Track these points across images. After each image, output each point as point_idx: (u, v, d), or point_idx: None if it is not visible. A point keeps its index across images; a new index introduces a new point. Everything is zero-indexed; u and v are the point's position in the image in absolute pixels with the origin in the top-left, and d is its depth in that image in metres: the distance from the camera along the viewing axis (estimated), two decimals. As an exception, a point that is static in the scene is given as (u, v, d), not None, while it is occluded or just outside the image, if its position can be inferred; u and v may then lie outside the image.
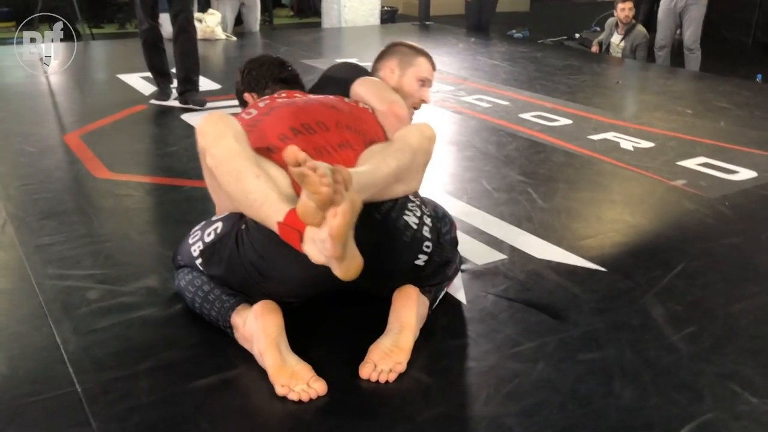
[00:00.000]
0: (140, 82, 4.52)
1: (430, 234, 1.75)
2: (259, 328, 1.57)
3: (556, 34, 8.97)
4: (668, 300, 1.96)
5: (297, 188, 1.56)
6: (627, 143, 3.46)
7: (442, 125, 3.83)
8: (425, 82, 2.25)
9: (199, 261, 1.75)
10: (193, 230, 1.83)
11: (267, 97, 2.03)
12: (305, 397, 1.49)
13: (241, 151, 1.60)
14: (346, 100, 1.97)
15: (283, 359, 1.54)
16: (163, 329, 1.77)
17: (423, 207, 1.79)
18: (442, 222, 1.89)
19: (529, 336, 1.77)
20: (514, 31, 9.05)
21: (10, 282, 2.00)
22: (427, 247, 1.73)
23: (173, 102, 3.99)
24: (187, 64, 3.92)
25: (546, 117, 3.93)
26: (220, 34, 6.27)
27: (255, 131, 1.78)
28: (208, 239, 1.74)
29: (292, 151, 1.35)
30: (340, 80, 2.10)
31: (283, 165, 1.64)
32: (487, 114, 4.00)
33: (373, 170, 1.64)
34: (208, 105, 3.93)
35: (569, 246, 2.29)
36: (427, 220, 1.76)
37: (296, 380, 1.51)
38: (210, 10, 6.33)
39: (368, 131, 1.86)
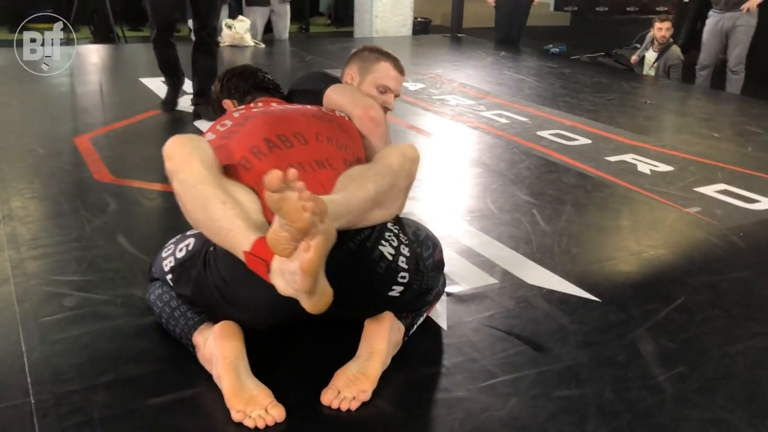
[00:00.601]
0: (161, 86, 4.54)
1: (407, 264, 1.65)
2: (217, 350, 1.52)
3: (594, 50, 8.81)
4: (661, 336, 1.86)
5: (268, 215, 1.50)
6: (645, 166, 3.34)
7: (454, 140, 3.77)
8: (386, 90, 2.11)
9: (169, 277, 1.71)
10: (168, 243, 1.79)
11: (243, 106, 1.96)
12: (261, 424, 1.43)
13: (207, 176, 1.52)
14: (325, 109, 1.91)
15: (241, 383, 1.48)
16: (131, 341, 1.74)
17: (401, 235, 1.68)
18: (424, 246, 1.79)
19: (506, 368, 1.69)
20: (550, 45, 8.93)
21: (-11, 285, 1.99)
22: (403, 278, 1.64)
23: (187, 108, 3.99)
24: (204, 78, 3.85)
25: (564, 135, 3.83)
26: (249, 41, 6.30)
27: (228, 144, 1.70)
28: (179, 255, 1.69)
29: (275, 175, 1.23)
30: (310, 91, 2.02)
31: (254, 185, 1.60)
32: (504, 130, 3.91)
33: (348, 197, 1.54)
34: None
35: (565, 273, 2.20)
36: (404, 250, 1.65)
37: (253, 405, 1.45)
38: (240, 17, 6.37)
39: (350, 144, 1.80)
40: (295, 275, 1.30)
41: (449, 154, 3.51)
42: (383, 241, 1.60)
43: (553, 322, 1.91)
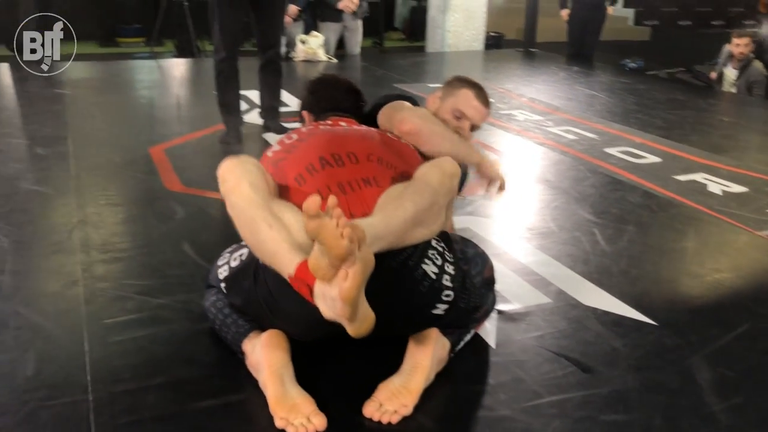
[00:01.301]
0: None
1: (452, 282, 1.65)
2: (263, 358, 1.57)
3: (674, 65, 8.55)
4: (720, 364, 1.79)
5: None
6: (716, 186, 3.22)
7: (519, 156, 3.74)
8: (462, 116, 2.13)
9: (223, 285, 1.77)
10: (225, 252, 1.85)
11: (312, 124, 2.05)
12: (302, 432, 1.47)
13: (255, 199, 1.57)
14: (389, 134, 1.95)
15: (285, 391, 1.52)
16: (185, 345, 1.81)
17: (446, 253, 1.68)
18: (472, 263, 1.79)
19: (552, 389, 1.66)
20: (627, 60, 8.72)
21: (59, 286, 2.11)
22: (447, 296, 1.65)
23: (256, 120, 4.10)
24: (272, 96, 3.92)
25: (633, 153, 3.74)
26: (322, 56, 6.42)
27: (288, 158, 1.80)
28: (233, 264, 1.75)
29: (313, 202, 1.28)
30: (371, 114, 2.13)
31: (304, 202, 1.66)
32: (570, 147, 3.85)
33: (387, 218, 1.55)
34: (296, 125, 4.00)
35: (621, 294, 2.15)
36: (449, 268, 1.66)
37: (296, 413, 1.49)
38: (313, 32, 6.51)
39: (400, 165, 1.82)
40: (335, 302, 1.33)
41: (512, 170, 3.48)
42: (426, 260, 1.61)
43: (604, 345, 1.87)
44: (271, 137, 3.77)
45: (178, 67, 6.33)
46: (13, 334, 1.82)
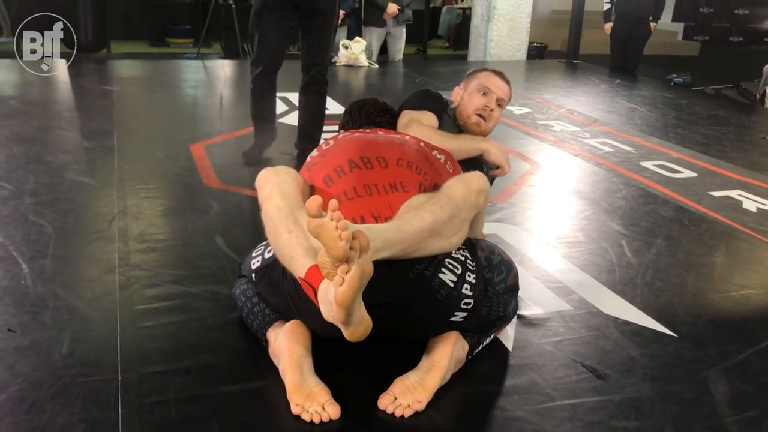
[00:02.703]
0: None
1: (473, 290, 1.69)
2: (285, 346, 1.63)
3: (722, 81, 8.41)
4: (737, 378, 1.79)
5: None
6: (751, 203, 3.19)
7: (552, 166, 3.74)
8: (487, 91, 2.37)
9: (254, 275, 1.84)
10: (260, 244, 1.92)
11: (350, 130, 2.12)
12: (317, 419, 1.52)
13: (282, 208, 1.64)
14: (422, 142, 2.01)
15: (303, 379, 1.58)
16: (212, 333, 1.88)
17: (468, 261, 1.71)
18: (496, 271, 1.82)
19: (566, 393, 1.69)
20: (674, 75, 8.61)
21: (97, 272, 2.20)
22: (467, 304, 1.68)
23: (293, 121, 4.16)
24: (312, 121, 3.47)
25: (668, 167, 3.72)
26: (364, 62, 6.51)
27: (321, 161, 1.88)
28: (267, 256, 1.81)
29: (313, 202, 1.32)
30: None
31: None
32: (605, 159, 3.84)
33: (402, 225, 1.58)
34: (333, 129, 4.05)
35: (644, 305, 2.15)
36: (470, 277, 1.69)
37: (311, 401, 1.54)
38: (357, 38, 6.60)
39: (430, 172, 1.86)
40: (332, 305, 1.38)
41: (544, 179, 3.50)
42: (443, 269, 1.65)
43: (622, 353, 1.88)
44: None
45: (223, 68, 6.48)
46: (51, 314, 1.92)
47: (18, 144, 3.53)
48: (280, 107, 4.53)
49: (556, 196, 3.26)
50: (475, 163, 2.29)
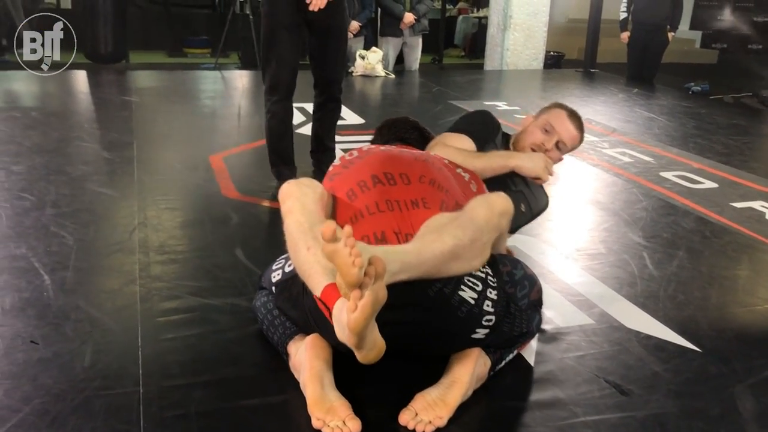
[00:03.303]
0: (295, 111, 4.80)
1: (494, 307, 1.67)
2: (305, 360, 1.63)
3: (740, 90, 8.34)
4: (764, 394, 1.76)
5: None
6: (774, 215, 3.15)
7: (571, 177, 3.72)
8: (551, 130, 2.29)
9: (274, 288, 1.84)
10: (281, 257, 1.92)
11: (376, 144, 2.13)
12: (337, 434, 1.51)
13: (302, 223, 1.64)
14: (446, 160, 2.00)
15: (323, 394, 1.57)
16: (232, 346, 1.88)
17: (489, 278, 1.70)
18: (519, 286, 1.80)
19: (588, 409, 1.67)
20: (692, 84, 8.55)
21: (118, 284, 2.21)
22: (488, 321, 1.67)
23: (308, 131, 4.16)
24: (328, 134, 3.37)
25: (689, 178, 3.68)
26: (380, 71, 6.52)
27: (344, 173, 1.88)
28: (287, 269, 1.81)
29: (328, 228, 1.31)
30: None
31: (353, 216, 1.74)
32: (625, 169, 3.82)
33: (422, 249, 1.57)
34: (348, 138, 4.07)
35: (667, 319, 2.13)
36: (491, 293, 1.67)
37: (332, 416, 1.53)
38: (373, 48, 6.61)
39: (452, 189, 1.86)
40: (344, 329, 1.38)
41: (564, 190, 3.48)
42: (463, 286, 1.64)
43: (645, 368, 1.86)
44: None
45: (241, 78, 6.52)
46: (72, 326, 1.93)
47: (39, 155, 3.56)
48: (298, 117, 4.56)
49: (575, 207, 3.24)
50: (499, 180, 2.21)
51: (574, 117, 2.35)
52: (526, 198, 2.27)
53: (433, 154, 2.03)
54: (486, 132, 2.32)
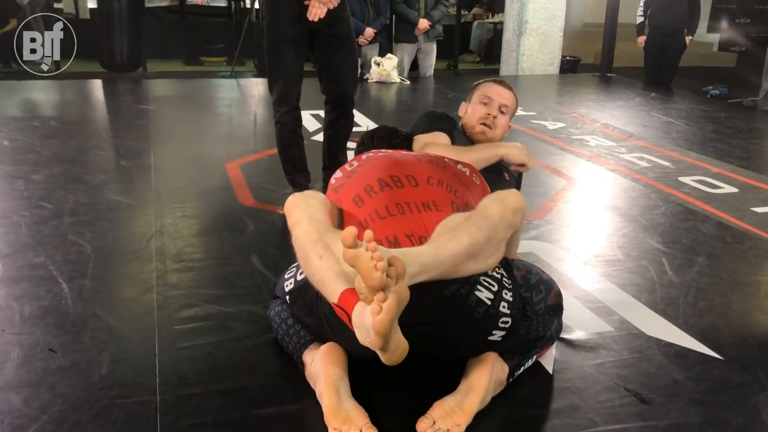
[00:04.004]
0: (309, 118, 4.81)
1: (510, 309, 1.66)
2: (321, 369, 1.62)
3: (759, 93, 8.24)
4: (788, 403, 1.73)
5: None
6: (796, 220, 3.10)
7: (589, 182, 3.70)
8: (489, 101, 2.47)
9: (287, 297, 1.84)
10: (293, 265, 1.92)
11: (372, 150, 2.12)
12: (355, 443, 1.50)
13: (311, 233, 1.64)
14: (447, 159, 1.99)
15: (340, 402, 1.56)
16: (249, 354, 1.88)
17: (504, 279, 1.69)
18: (534, 290, 1.78)
19: (609, 418, 1.64)
20: (710, 87, 8.47)
21: (135, 292, 2.22)
22: (505, 322, 1.66)
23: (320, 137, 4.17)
24: (340, 150, 3.25)
25: (708, 183, 3.64)
26: (395, 78, 6.53)
27: (348, 183, 1.87)
28: (300, 277, 1.80)
29: (349, 233, 1.32)
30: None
31: (363, 222, 1.73)
32: (643, 174, 3.78)
33: (439, 249, 1.56)
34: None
35: (688, 326, 2.10)
36: (507, 295, 1.67)
37: (349, 425, 1.52)
38: (388, 55, 6.62)
39: (460, 189, 1.85)
40: (369, 331, 1.37)
41: (581, 196, 3.46)
42: (479, 287, 1.63)
43: (666, 377, 1.83)
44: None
45: (256, 86, 6.54)
46: (90, 335, 1.94)
47: (57, 164, 3.59)
48: (313, 125, 4.57)
49: (593, 212, 3.21)
50: (494, 169, 2.38)
51: (502, 82, 2.54)
52: (506, 166, 2.46)
53: (432, 154, 2.03)
54: (450, 125, 2.50)
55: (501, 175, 2.42)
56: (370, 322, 1.34)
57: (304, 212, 1.71)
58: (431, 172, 1.86)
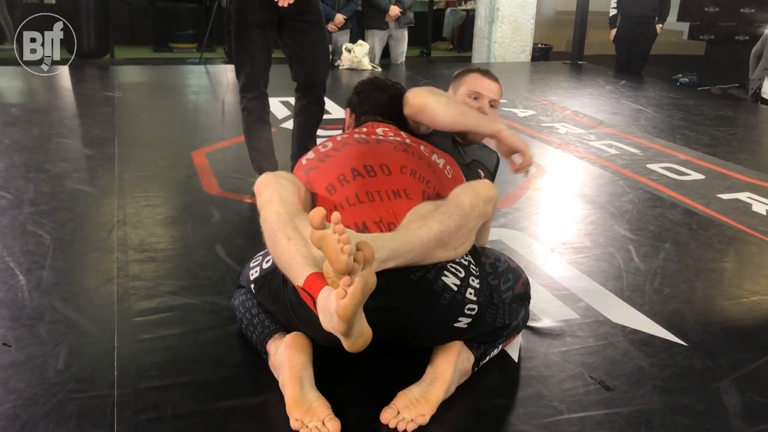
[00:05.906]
0: (278, 105, 4.76)
1: (477, 296, 1.65)
2: (285, 359, 1.59)
3: (729, 80, 8.34)
4: (749, 388, 1.74)
5: None
6: (761, 206, 3.13)
7: (557, 170, 3.70)
8: (478, 96, 2.27)
9: (253, 286, 1.81)
10: (258, 254, 1.89)
11: (347, 132, 2.08)
12: (316, 435, 1.48)
13: (281, 214, 1.61)
14: (422, 148, 1.96)
15: (303, 393, 1.54)
16: (211, 346, 1.84)
17: (471, 266, 1.68)
18: (502, 278, 1.78)
19: (573, 406, 1.64)
20: (679, 75, 8.55)
21: (95, 283, 2.17)
22: (471, 309, 1.64)
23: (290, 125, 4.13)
24: (310, 138, 3.17)
25: (676, 170, 3.66)
26: (367, 65, 6.48)
27: (322, 167, 1.85)
28: (265, 266, 1.78)
29: (317, 214, 1.29)
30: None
31: (333, 210, 1.68)
32: (611, 161, 3.80)
33: (409, 236, 1.55)
34: (334, 133, 4.02)
35: (653, 313, 2.10)
36: (474, 282, 1.65)
37: (311, 416, 1.50)
38: (359, 41, 6.56)
39: (432, 180, 1.83)
40: (333, 316, 1.34)
41: (550, 183, 3.46)
42: (446, 272, 1.61)
43: (631, 363, 1.84)
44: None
45: (226, 72, 6.44)
46: (47, 328, 1.89)
47: (18, 152, 3.50)
48: (282, 112, 4.52)
49: (561, 200, 3.21)
50: (470, 165, 2.25)
51: (488, 73, 2.36)
52: (482, 164, 2.30)
53: (410, 140, 1.98)
54: None
55: (476, 173, 2.28)
56: (335, 306, 1.31)
57: (276, 192, 1.67)
58: (405, 161, 1.84)
